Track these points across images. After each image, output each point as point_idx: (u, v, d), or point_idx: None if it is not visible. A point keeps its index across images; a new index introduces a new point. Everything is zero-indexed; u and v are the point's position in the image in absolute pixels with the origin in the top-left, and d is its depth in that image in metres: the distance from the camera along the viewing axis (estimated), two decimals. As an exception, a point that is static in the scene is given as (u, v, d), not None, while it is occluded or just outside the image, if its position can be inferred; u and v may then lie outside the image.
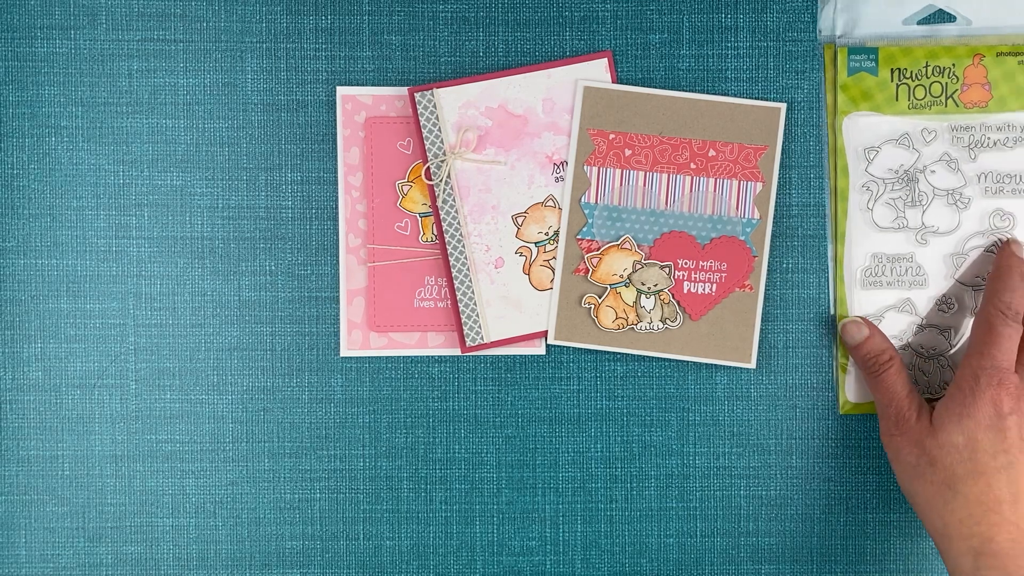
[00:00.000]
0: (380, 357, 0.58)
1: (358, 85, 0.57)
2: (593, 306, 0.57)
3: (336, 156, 0.57)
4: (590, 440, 0.58)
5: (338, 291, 0.57)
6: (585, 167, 0.57)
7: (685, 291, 0.57)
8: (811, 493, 0.58)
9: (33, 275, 0.57)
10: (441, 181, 0.57)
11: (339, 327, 0.57)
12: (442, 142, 0.57)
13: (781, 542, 0.58)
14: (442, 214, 0.57)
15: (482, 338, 0.57)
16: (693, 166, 0.57)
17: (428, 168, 0.57)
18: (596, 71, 0.57)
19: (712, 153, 0.56)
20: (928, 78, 0.57)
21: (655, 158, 0.56)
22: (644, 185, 0.57)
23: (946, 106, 0.57)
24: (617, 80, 0.57)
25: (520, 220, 0.57)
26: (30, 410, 0.57)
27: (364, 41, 0.58)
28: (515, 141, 0.57)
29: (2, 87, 0.57)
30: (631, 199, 0.57)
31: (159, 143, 0.57)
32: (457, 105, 0.57)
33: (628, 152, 0.57)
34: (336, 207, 0.58)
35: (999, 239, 0.57)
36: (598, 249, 0.57)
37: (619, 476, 0.58)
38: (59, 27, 0.57)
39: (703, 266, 0.57)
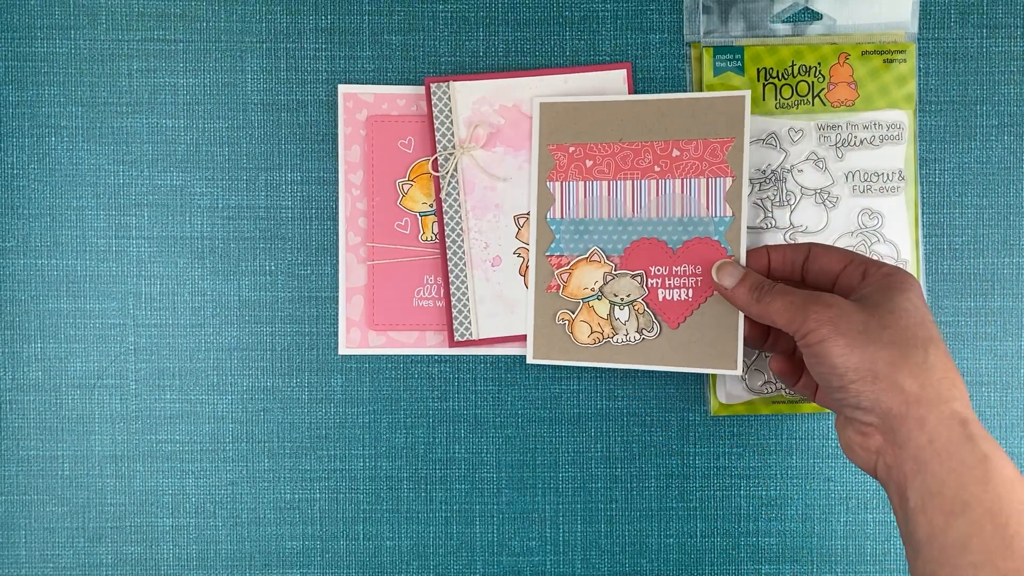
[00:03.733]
0: (380, 357, 0.58)
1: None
2: (568, 322, 0.56)
3: (336, 156, 0.57)
4: (590, 440, 0.58)
5: (338, 290, 0.57)
6: (548, 183, 0.56)
7: (660, 299, 0.55)
8: (811, 493, 0.58)
9: (33, 275, 0.57)
10: (447, 174, 0.57)
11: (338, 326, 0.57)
12: (453, 135, 0.56)
13: (781, 542, 0.58)
14: (445, 207, 0.57)
15: (471, 334, 0.57)
16: (657, 169, 0.55)
17: (436, 159, 0.57)
18: (614, 81, 0.57)
19: (676, 153, 0.55)
20: (795, 77, 0.57)
21: (617, 166, 0.55)
22: (608, 194, 0.55)
23: (813, 105, 0.57)
24: (634, 91, 0.57)
25: (522, 221, 0.57)
26: (30, 410, 0.57)
27: (364, 41, 0.58)
28: (525, 142, 0.57)
29: (2, 87, 0.57)
30: (596, 210, 0.56)
31: (159, 143, 0.57)
32: (471, 100, 0.57)
33: (589, 163, 0.56)
34: (336, 206, 0.58)
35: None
36: (567, 264, 0.56)
37: (619, 476, 0.58)
38: (59, 27, 0.57)
39: (677, 271, 0.55)
